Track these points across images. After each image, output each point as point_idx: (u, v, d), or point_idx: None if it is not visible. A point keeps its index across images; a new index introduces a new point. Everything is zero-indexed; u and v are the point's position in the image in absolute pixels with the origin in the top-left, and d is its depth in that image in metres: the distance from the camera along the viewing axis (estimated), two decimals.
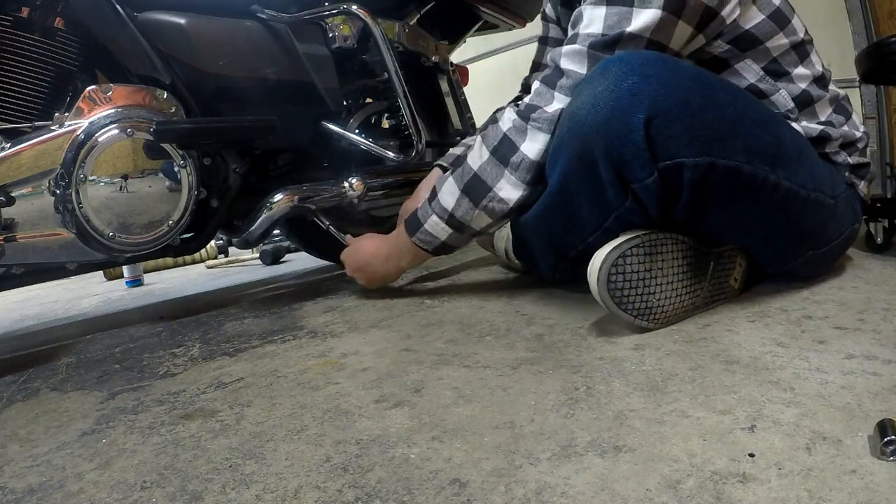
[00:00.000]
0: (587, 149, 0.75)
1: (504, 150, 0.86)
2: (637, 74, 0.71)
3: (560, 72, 0.83)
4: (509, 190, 0.87)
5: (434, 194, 0.95)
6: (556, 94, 0.83)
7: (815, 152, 0.84)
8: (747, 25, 0.82)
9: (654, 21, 0.76)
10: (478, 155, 0.89)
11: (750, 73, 0.84)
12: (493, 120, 1.21)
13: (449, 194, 0.92)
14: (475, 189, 0.89)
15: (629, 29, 0.76)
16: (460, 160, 0.93)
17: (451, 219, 0.92)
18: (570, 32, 0.84)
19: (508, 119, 0.87)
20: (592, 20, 0.79)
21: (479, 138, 0.91)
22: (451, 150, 1.24)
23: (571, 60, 0.81)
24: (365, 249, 1.10)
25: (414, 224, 0.98)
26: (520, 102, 0.88)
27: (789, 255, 0.86)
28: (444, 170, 1.18)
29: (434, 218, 0.94)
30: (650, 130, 0.70)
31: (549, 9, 1.21)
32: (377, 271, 1.09)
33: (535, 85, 0.86)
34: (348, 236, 1.22)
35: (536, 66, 1.26)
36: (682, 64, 0.75)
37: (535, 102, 0.85)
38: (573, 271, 0.91)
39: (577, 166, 0.77)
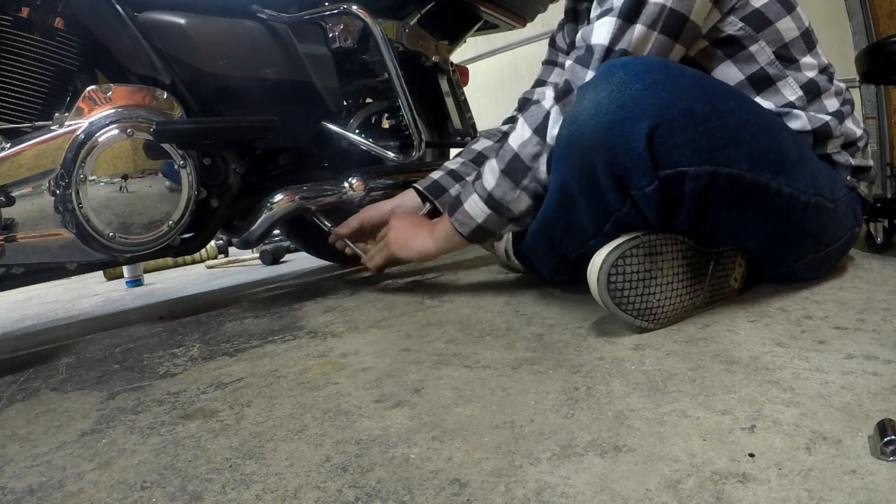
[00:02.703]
0: (587, 154, 0.74)
1: (547, 129, 0.84)
2: (641, 81, 0.70)
3: (591, 50, 0.81)
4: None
5: (479, 175, 0.93)
6: (589, 72, 0.81)
7: (815, 156, 0.84)
8: (756, 4, 0.83)
9: None
10: (519, 134, 0.87)
11: (762, 55, 0.84)
12: (490, 135, 1.22)
13: (490, 174, 0.90)
14: (515, 169, 0.87)
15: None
16: (502, 139, 0.91)
17: (490, 199, 0.90)
18: (595, 11, 0.83)
19: (551, 97, 0.85)
20: None
21: (521, 118, 0.88)
22: (431, 174, 1.20)
23: (599, 32, 0.80)
24: (409, 221, 1.08)
25: (455, 203, 0.95)
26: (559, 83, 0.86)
27: (789, 258, 0.86)
28: (421, 194, 1.16)
29: (474, 197, 0.91)
30: (653, 140, 0.69)
31: (559, 38, 1.21)
32: (411, 240, 1.05)
33: (568, 63, 0.84)
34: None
35: (539, 83, 1.26)
36: (685, 70, 0.75)
37: (572, 83, 0.83)
38: (574, 273, 0.91)
39: (578, 170, 0.77)
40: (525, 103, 1.26)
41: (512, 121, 1.25)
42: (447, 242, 0.99)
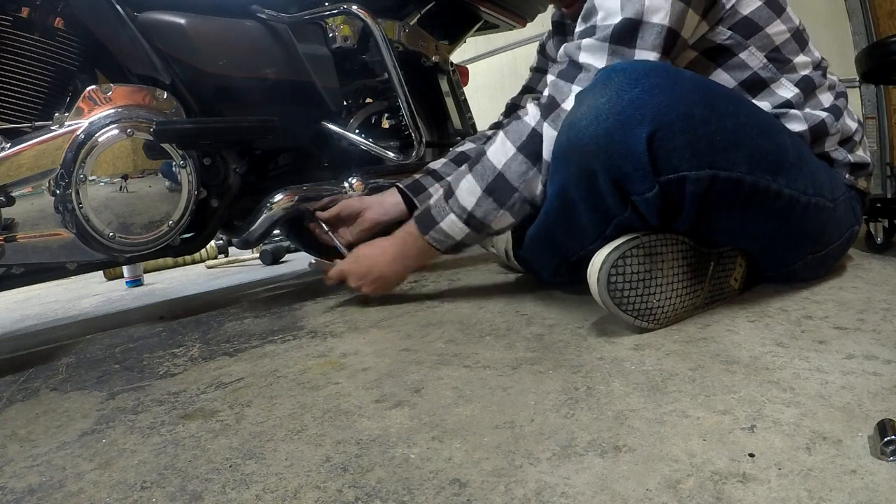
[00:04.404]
0: (587, 160, 0.74)
1: (534, 147, 0.83)
2: (640, 86, 0.70)
3: (578, 66, 0.81)
4: (536, 187, 0.85)
5: (450, 191, 0.91)
6: (574, 88, 0.81)
7: (814, 156, 0.84)
8: (745, 11, 0.82)
9: (668, 10, 0.76)
10: (501, 152, 0.85)
11: (754, 60, 0.84)
12: (481, 138, 1.22)
13: (469, 193, 0.88)
14: (500, 189, 0.85)
15: (646, 19, 0.76)
16: (476, 156, 0.90)
17: (470, 219, 0.89)
18: (581, 26, 0.83)
19: (535, 115, 0.84)
20: (609, 12, 0.78)
21: (500, 133, 0.87)
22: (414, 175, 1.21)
23: (591, 55, 0.80)
24: (368, 254, 1.03)
25: (427, 222, 0.93)
26: (541, 98, 0.85)
27: (789, 258, 0.86)
28: (402, 192, 1.16)
29: (451, 217, 0.90)
30: (653, 144, 0.69)
31: (549, 46, 1.21)
32: (384, 274, 1.02)
33: (551, 78, 0.84)
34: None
35: (527, 89, 1.26)
36: (683, 73, 0.75)
37: (556, 98, 0.82)
38: (574, 275, 0.90)
39: (577, 176, 0.77)
40: (512, 109, 1.27)
41: (498, 126, 1.25)
42: (423, 260, 1.00)
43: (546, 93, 0.84)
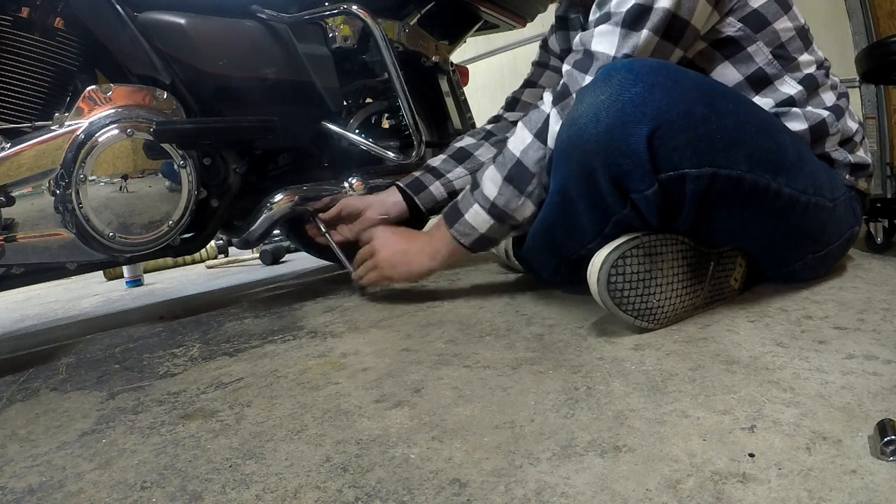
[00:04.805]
0: (587, 158, 0.74)
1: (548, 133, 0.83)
2: (641, 84, 0.70)
3: (591, 56, 0.81)
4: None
5: (476, 184, 0.91)
6: (587, 78, 0.81)
7: (814, 156, 0.84)
8: (755, 4, 0.83)
9: None
10: (521, 139, 0.86)
11: (760, 56, 0.84)
12: (484, 133, 1.22)
13: (491, 182, 0.88)
14: (518, 176, 0.86)
15: (655, 4, 0.77)
16: (500, 149, 0.90)
17: (493, 208, 0.88)
18: (595, 13, 0.83)
19: (549, 101, 0.84)
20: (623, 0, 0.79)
21: (520, 123, 0.87)
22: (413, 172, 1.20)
23: (603, 40, 0.80)
24: (400, 236, 1.02)
25: (454, 214, 0.93)
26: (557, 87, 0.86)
27: (789, 258, 0.86)
28: (402, 190, 1.15)
29: (476, 207, 0.90)
30: (653, 142, 0.69)
31: (552, 41, 1.21)
32: (410, 261, 0.99)
33: (566, 68, 0.84)
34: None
35: (529, 83, 1.26)
36: (684, 72, 0.75)
37: (569, 87, 0.83)
38: (574, 274, 0.90)
39: (577, 174, 0.77)
40: (513, 103, 1.26)
41: (497, 120, 1.25)
42: (450, 256, 0.96)
43: (562, 81, 0.85)
